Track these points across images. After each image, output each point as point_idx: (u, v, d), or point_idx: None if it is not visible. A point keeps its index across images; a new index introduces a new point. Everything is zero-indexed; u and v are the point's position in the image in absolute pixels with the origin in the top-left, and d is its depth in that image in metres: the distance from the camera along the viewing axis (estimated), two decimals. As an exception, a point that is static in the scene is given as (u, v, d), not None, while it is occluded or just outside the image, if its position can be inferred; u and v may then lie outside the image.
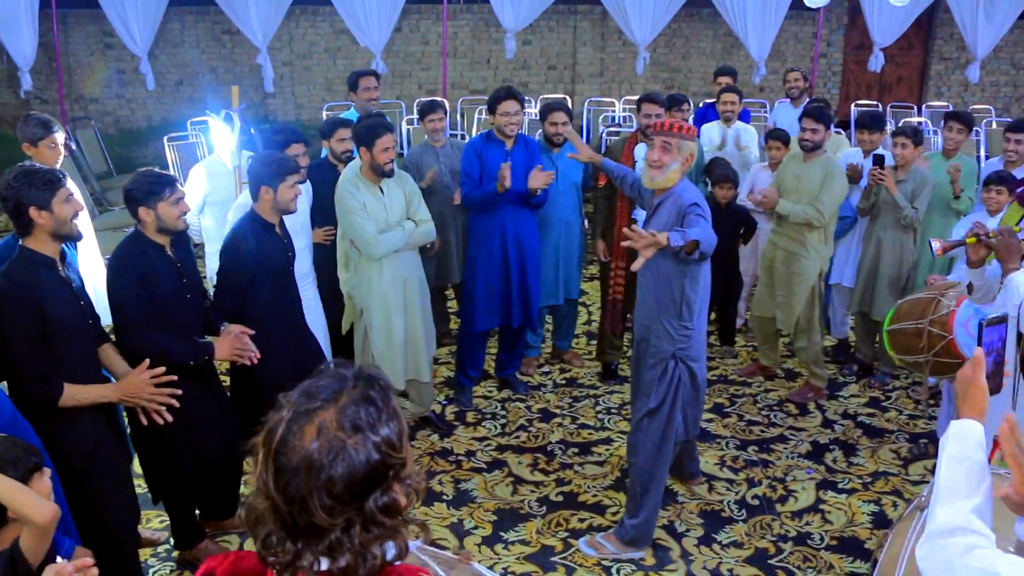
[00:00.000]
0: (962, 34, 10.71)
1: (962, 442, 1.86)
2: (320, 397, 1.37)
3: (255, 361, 3.62)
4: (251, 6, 9.38)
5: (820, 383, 5.48)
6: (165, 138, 8.18)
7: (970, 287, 3.73)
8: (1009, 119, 10.25)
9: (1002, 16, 10.47)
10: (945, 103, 11.23)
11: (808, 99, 6.98)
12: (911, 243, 5.27)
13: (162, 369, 3.25)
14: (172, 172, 7.76)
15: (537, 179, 4.88)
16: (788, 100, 7.39)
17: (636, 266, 3.51)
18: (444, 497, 4.37)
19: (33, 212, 2.96)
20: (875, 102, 10.83)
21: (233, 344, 3.57)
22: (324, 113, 9.95)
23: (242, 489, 4.09)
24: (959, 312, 4.19)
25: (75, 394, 3.09)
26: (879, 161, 5.10)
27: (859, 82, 12.25)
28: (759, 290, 5.62)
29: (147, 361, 3.26)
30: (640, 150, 5.31)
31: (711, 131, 6.49)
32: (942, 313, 4.23)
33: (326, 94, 11.34)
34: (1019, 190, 4.69)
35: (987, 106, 10.99)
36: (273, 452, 1.35)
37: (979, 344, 2.08)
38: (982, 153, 9.43)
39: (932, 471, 4.66)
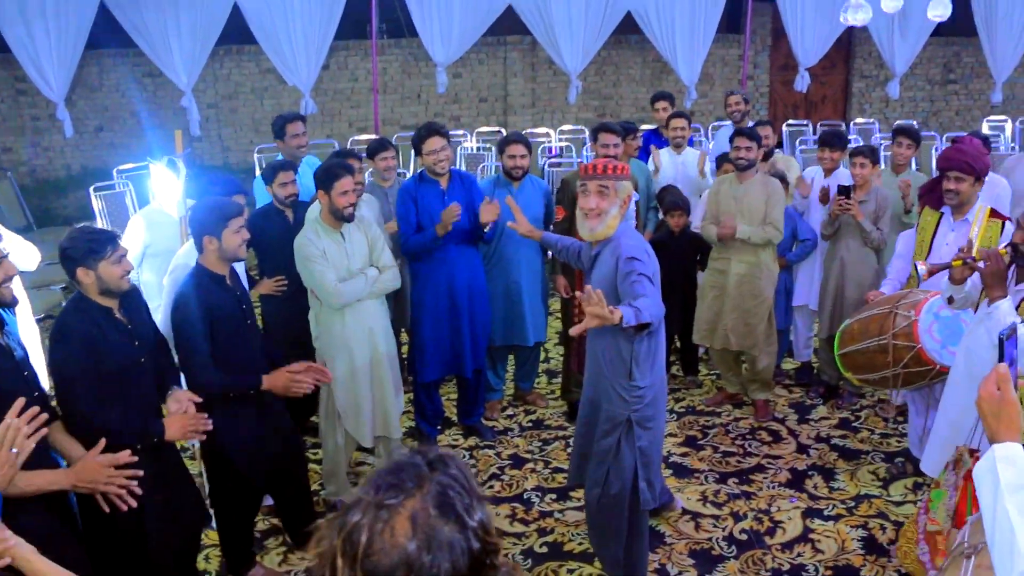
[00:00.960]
0: (880, 52, 11.00)
1: (1014, 466, 1.77)
2: (401, 487, 1.23)
3: (203, 437, 3.34)
4: (174, 47, 9.07)
5: (774, 397, 5.58)
6: (91, 188, 7.78)
7: (950, 299, 3.71)
8: (930, 132, 10.58)
9: (915, 34, 10.81)
10: (870, 119, 11.49)
11: (752, 121, 7.01)
12: (875, 260, 5.28)
13: (125, 453, 2.92)
14: (100, 224, 7.47)
15: (488, 212, 4.71)
16: (729, 123, 7.41)
17: (574, 331, 3.26)
18: (424, 556, 4.14)
19: None
20: (805, 121, 11.01)
21: (184, 424, 3.25)
22: (255, 156, 9.67)
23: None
24: (921, 321, 4.21)
25: (19, 482, 2.75)
26: (845, 191, 5.10)
27: (786, 102, 12.47)
28: (706, 319, 5.40)
29: (103, 441, 2.93)
30: None
31: (663, 158, 6.43)
32: (903, 325, 4.24)
33: (255, 136, 11.03)
34: (924, 190, 4.77)
35: (910, 120, 11.28)
36: (359, 558, 1.18)
37: (1001, 359, 1.99)
38: (933, 165, 9.64)
39: (912, 489, 4.65)
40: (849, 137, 9.99)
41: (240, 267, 4.17)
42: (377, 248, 4.38)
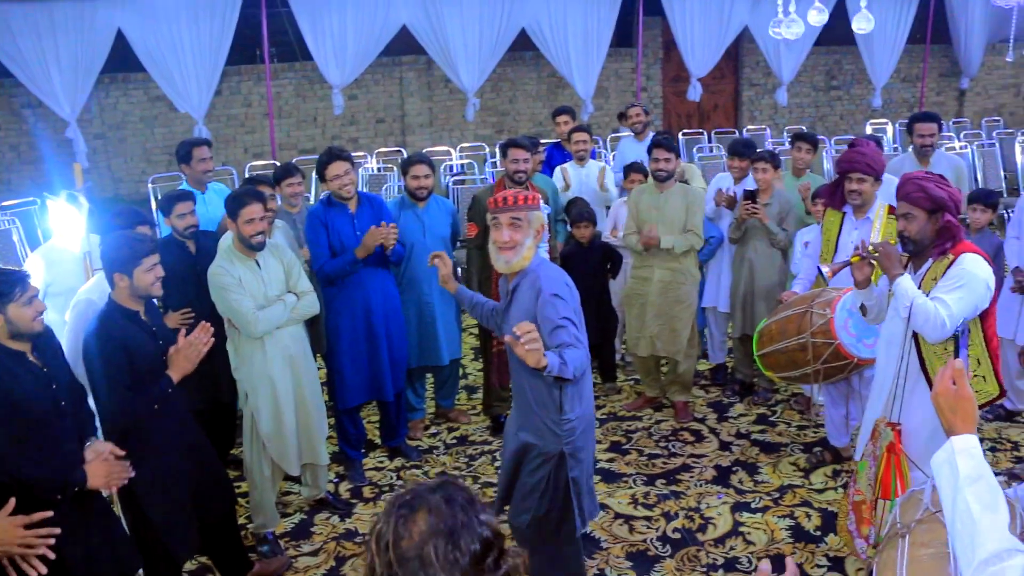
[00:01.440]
0: (767, 61, 11.42)
1: (971, 459, 1.83)
2: (414, 496, 1.49)
3: (126, 481, 3.18)
4: (54, 76, 8.65)
5: (692, 398, 5.71)
6: (-26, 227, 7.38)
7: (863, 308, 3.83)
8: (818, 136, 11.00)
9: (799, 43, 11.23)
10: (761, 127, 11.90)
11: (652, 132, 7.16)
12: (781, 260, 5.45)
13: (41, 513, 2.71)
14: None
15: (374, 236, 4.60)
16: (631, 135, 7.55)
17: (507, 338, 3.07)
18: (361, 583, 4.06)
19: None
20: (699, 130, 11.32)
21: (108, 471, 3.09)
22: (148, 186, 9.36)
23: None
24: (837, 317, 4.37)
25: None
26: (751, 195, 5.25)
27: (679, 112, 12.81)
28: (634, 328, 5.50)
29: (12, 501, 2.72)
30: None
31: (566, 172, 6.50)
32: (820, 323, 4.40)
33: (146, 166, 10.67)
34: (826, 192, 4.96)
35: (799, 126, 11.73)
36: (390, 546, 1.43)
37: (956, 355, 2.08)
38: (828, 167, 10.04)
39: (832, 476, 4.80)
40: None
41: None
42: (294, 274, 4.28)
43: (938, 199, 3.38)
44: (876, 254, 3.53)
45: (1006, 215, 7.97)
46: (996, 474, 1.95)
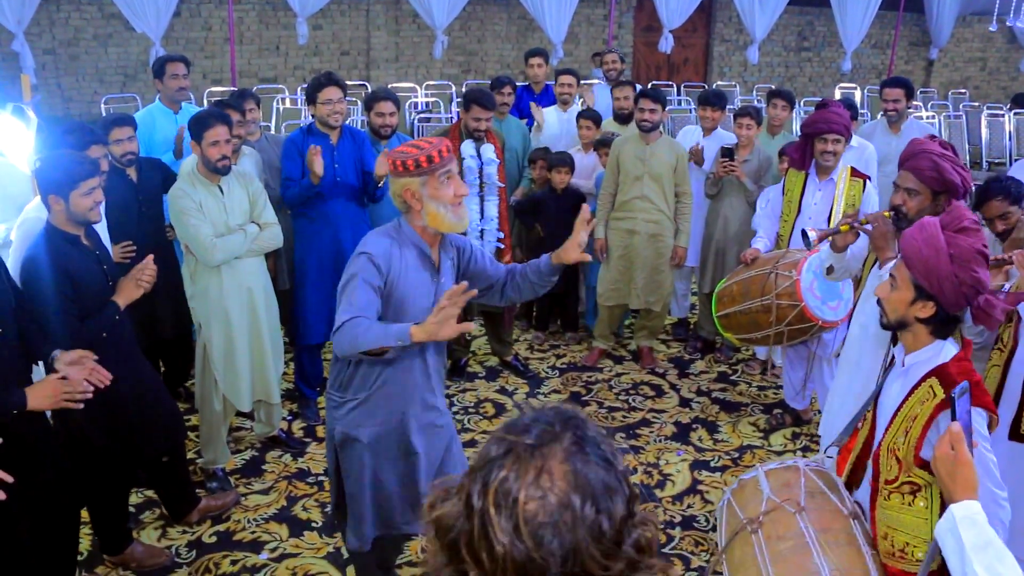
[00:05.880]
0: (741, 17, 11.29)
1: (975, 527, 1.79)
2: (538, 431, 1.11)
3: (80, 402, 2.87)
4: (0, -16, 8.24)
5: (658, 347, 5.77)
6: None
7: (830, 269, 3.73)
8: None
9: (774, 2, 11.16)
10: (731, 83, 11.81)
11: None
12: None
13: None
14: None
15: (383, 165, 4.51)
16: (602, 82, 7.39)
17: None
18: (313, 525, 3.95)
19: None
20: (668, 82, 11.20)
21: (55, 390, 2.81)
22: (103, 108, 8.98)
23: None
24: (803, 279, 4.32)
25: None
26: (728, 153, 5.16)
27: (648, 63, 12.65)
28: (612, 279, 5.42)
29: None
30: (467, 147, 5.00)
31: (549, 115, 6.34)
32: (786, 285, 4.34)
33: (98, 86, 10.24)
34: (793, 151, 4.85)
35: (768, 85, 11.65)
36: (520, 503, 1.06)
37: (953, 417, 1.99)
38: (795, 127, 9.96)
39: (791, 439, 4.81)
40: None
41: (102, 228, 3.76)
42: (259, 204, 4.09)
43: (950, 184, 3.10)
44: (868, 226, 3.32)
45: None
46: None
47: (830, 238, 3.57)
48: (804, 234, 3.67)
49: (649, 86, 10.69)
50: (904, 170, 3.21)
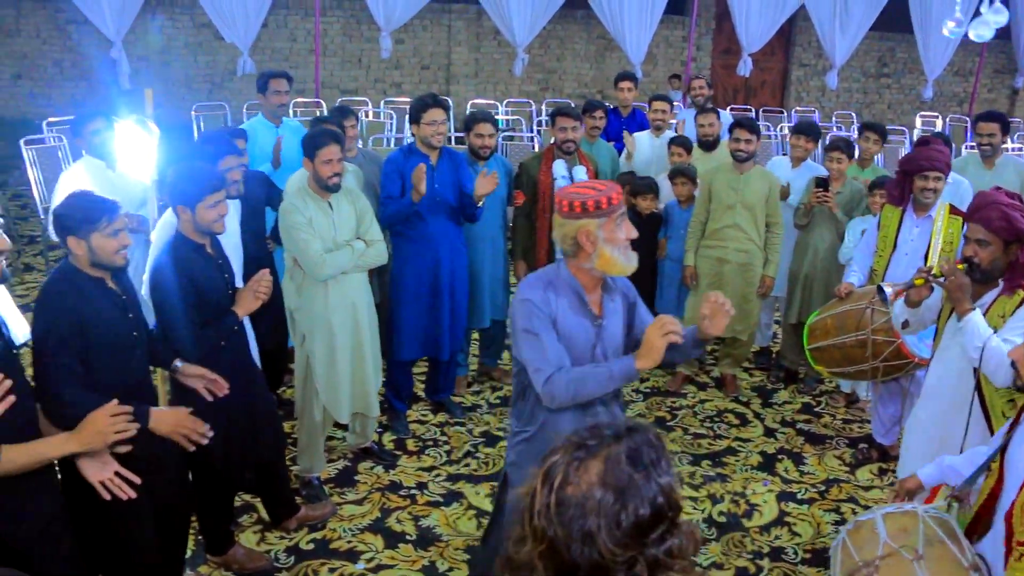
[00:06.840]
0: (820, 42, 11.20)
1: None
2: (599, 437, 1.38)
3: (203, 442, 3.00)
4: (102, -5, 8.55)
5: (742, 374, 5.81)
6: (22, 141, 7.28)
7: (905, 323, 3.72)
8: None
9: (855, 27, 11.05)
10: (809, 108, 11.72)
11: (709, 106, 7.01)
12: (842, 249, 5.37)
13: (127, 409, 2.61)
14: (32, 178, 7.02)
15: (484, 185, 4.60)
16: (680, 104, 7.41)
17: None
18: (408, 537, 4.04)
19: None
20: (746, 105, 11.15)
21: (177, 422, 2.92)
22: (192, 114, 9.25)
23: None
24: None
25: (15, 456, 2.45)
26: (823, 183, 5.14)
27: (726, 86, 12.62)
28: (693, 305, 5.38)
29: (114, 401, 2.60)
30: (559, 167, 5.13)
31: (641, 140, 6.38)
32: (883, 321, 4.32)
33: (187, 92, 10.55)
34: (890, 187, 4.78)
35: (847, 111, 11.55)
36: (555, 486, 1.34)
37: None
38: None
39: (878, 475, 4.77)
40: (787, 124, 10.22)
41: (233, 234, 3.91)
42: (365, 221, 4.20)
43: (1021, 232, 3.10)
44: (943, 281, 3.30)
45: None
46: None
47: (905, 293, 3.59)
48: (880, 290, 3.67)
49: (728, 110, 10.73)
50: (973, 222, 3.23)
